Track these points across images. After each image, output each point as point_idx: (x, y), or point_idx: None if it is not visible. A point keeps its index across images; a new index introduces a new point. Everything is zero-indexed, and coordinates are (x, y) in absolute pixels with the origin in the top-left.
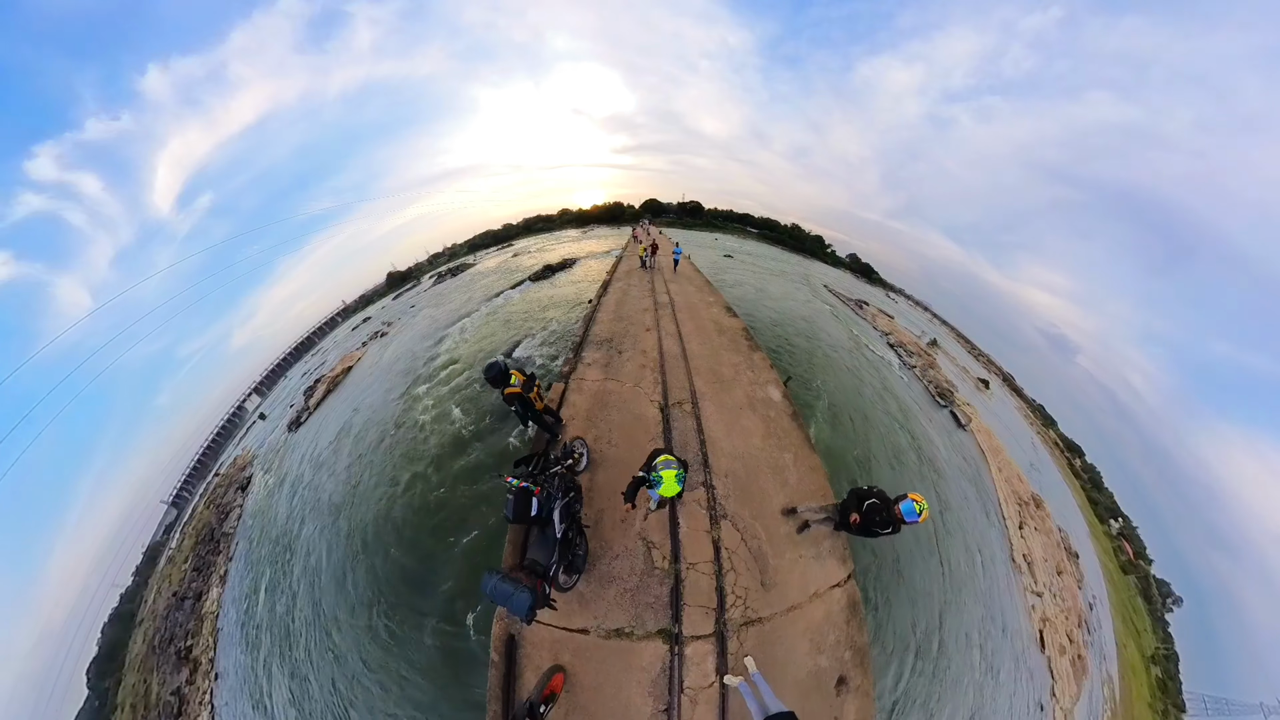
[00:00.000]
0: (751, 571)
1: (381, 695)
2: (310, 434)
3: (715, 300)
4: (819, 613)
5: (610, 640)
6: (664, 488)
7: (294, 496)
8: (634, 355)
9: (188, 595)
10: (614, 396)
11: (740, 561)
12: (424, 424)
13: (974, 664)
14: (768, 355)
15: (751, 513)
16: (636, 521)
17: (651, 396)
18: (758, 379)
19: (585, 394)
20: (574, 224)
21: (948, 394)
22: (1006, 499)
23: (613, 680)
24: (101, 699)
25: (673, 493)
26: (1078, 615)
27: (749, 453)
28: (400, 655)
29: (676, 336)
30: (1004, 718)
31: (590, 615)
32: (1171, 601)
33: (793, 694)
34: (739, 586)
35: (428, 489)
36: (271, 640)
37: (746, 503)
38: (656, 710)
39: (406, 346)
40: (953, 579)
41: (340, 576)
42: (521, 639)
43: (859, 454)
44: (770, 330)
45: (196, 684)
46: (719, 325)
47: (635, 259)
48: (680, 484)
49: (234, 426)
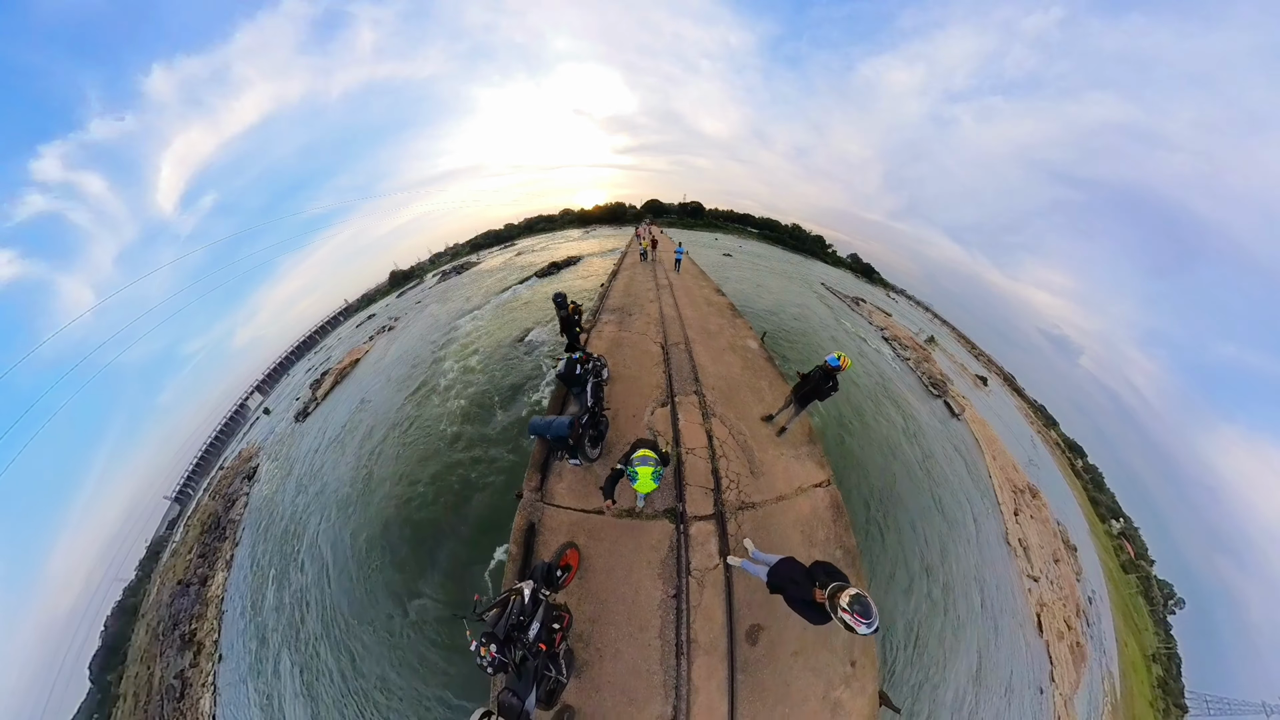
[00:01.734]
0: (740, 459)
1: (391, 655)
2: (318, 423)
3: (707, 284)
4: (805, 507)
5: (622, 520)
6: (639, 483)
7: (304, 479)
8: (640, 317)
9: (192, 581)
10: (626, 341)
11: (730, 450)
12: (439, 404)
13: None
14: (751, 325)
15: (736, 415)
16: (644, 415)
17: (655, 340)
18: (738, 334)
19: (604, 339)
20: (576, 224)
21: (941, 384)
22: (1001, 485)
23: (624, 563)
24: (104, 691)
25: (648, 489)
26: (1075, 604)
27: (731, 376)
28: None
29: (674, 306)
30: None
31: (600, 497)
32: (1174, 604)
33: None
34: (731, 471)
35: (441, 469)
36: (279, 619)
37: (731, 408)
38: (666, 594)
39: (418, 336)
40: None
41: (355, 551)
42: (541, 526)
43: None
44: (766, 319)
45: (200, 666)
46: (709, 300)
47: (638, 253)
48: (656, 481)
49: (236, 424)
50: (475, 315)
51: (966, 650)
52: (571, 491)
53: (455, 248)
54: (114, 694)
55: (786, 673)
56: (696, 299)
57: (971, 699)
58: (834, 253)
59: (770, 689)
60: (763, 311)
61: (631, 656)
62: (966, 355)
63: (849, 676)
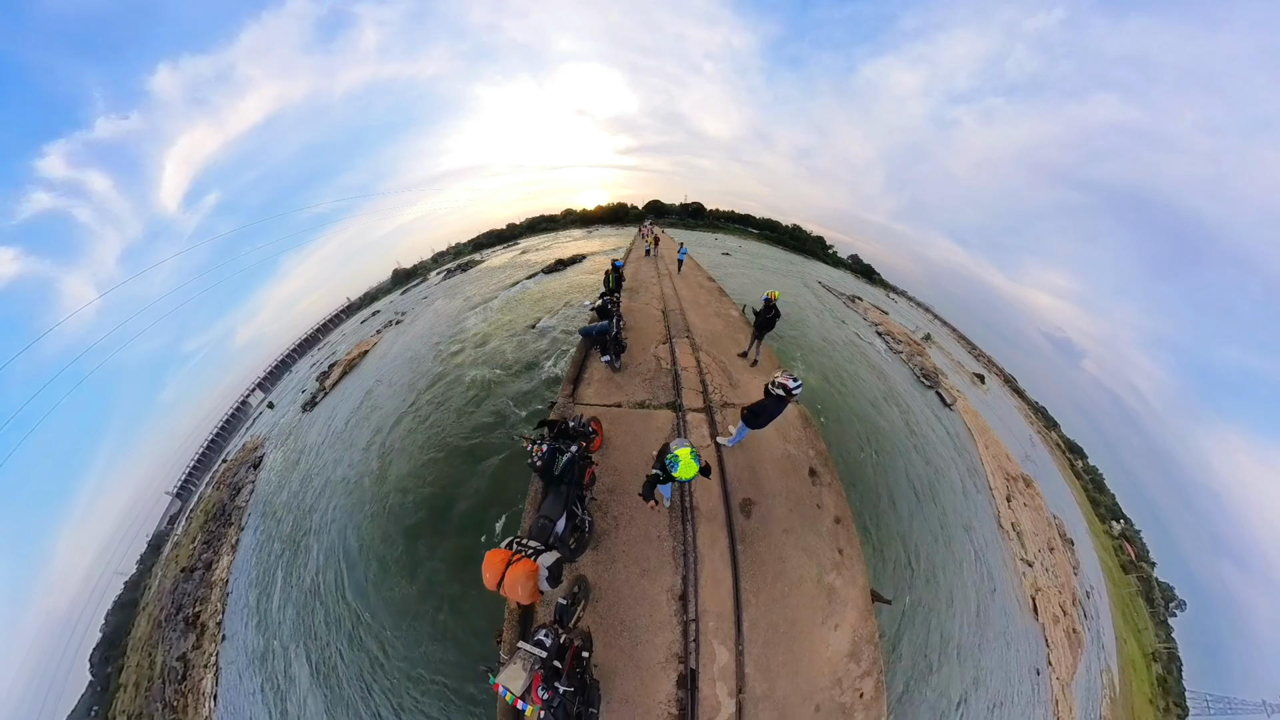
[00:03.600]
0: (722, 376)
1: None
2: (326, 413)
3: (700, 274)
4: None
5: (635, 410)
6: (681, 468)
7: (312, 464)
8: (645, 294)
9: (197, 566)
10: (635, 308)
11: (714, 371)
12: (449, 388)
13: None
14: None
15: (718, 351)
16: (650, 349)
17: (657, 308)
18: (722, 306)
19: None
20: (578, 224)
21: (932, 376)
22: (994, 472)
23: (637, 440)
24: (104, 683)
25: (691, 473)
26: (1072, 593)
27: (715, 330)
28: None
29: (673, 288)
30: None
31: (622, 394)
32: (1174, 606)
33: (774, 470)
34: (715, 382)
35: (458, 438)
36: (286, 599)
37: (714, 348)
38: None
39: (430, 326)
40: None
41: (369, 526)
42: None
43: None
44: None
45: (203, 648)
46: (701, 285)
47: (643, 249)
48: (697, 461)
49: (238, 420)
50: (486, 307)
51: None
52: (596, 393)
53: (458, 247)
54: (114, 685)
55: (780, 549)
56: (691, 284)
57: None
58: (834, 253)
59: (768, 564)
60: (755, 303)
61: (643, 523)
62: (965, 355)
63: (839, 564)
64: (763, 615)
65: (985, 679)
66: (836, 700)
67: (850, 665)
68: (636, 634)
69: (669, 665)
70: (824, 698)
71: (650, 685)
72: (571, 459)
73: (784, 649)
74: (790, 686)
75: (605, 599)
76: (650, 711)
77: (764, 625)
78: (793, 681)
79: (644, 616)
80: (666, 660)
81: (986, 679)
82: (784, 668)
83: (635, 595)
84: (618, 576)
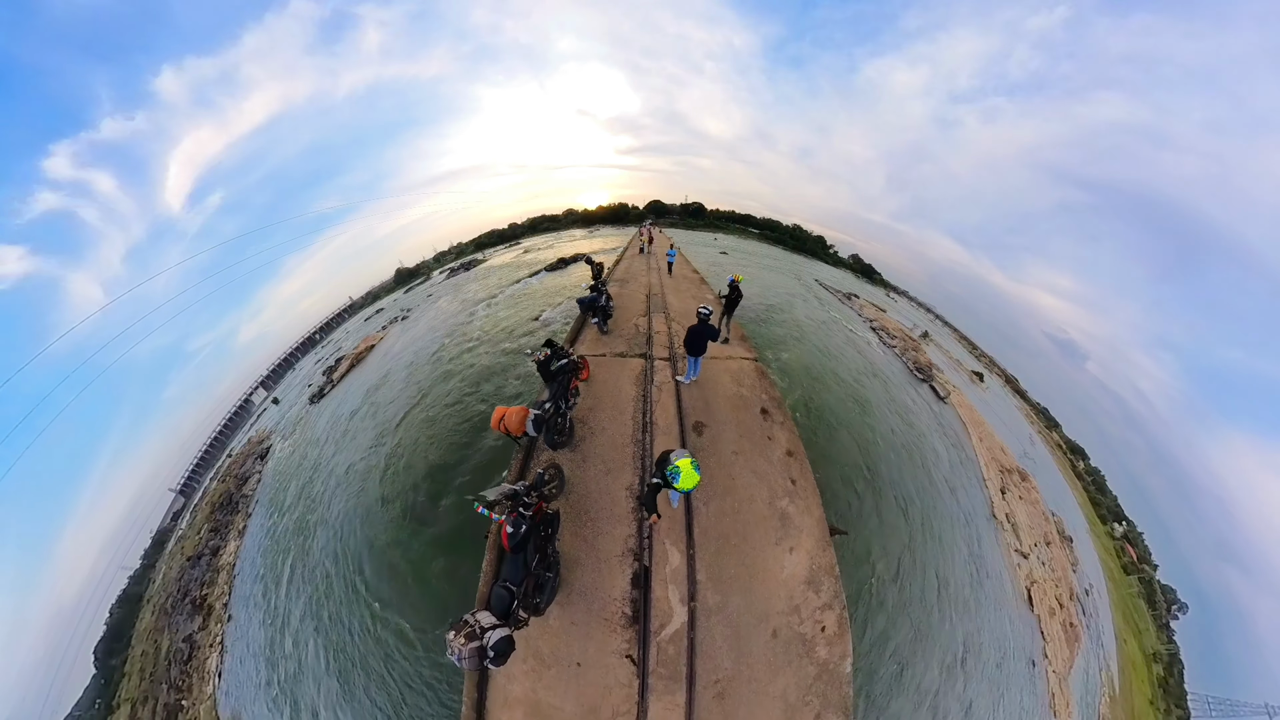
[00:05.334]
0: None
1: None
2: (334, 403)
3: (687, 268)
4: (735, 366)
5: (616, 358)
6: (683, 479)
7: (322, 451)
8: (634, 284)
9: (204, 553)
10: (624, 294)
11: (681, 335)
12: (457, 375)
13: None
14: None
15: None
16: (634, 319)
17: (643, 294)
18: (702, 292)
19: (611, 291)
20: (579, 224)
21: (926, 370)
22: (987, 463)
23: (614, 376)
24: (108, 676)
25: (693, 483)
26: (1069, 588)
27: (688, 309)
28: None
29: (659, 279)
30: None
31: (606, 348)
32: (1177, 609)
33: (726, 405)
34: (680, 341)
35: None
36: (293, 580)
37: (687, 322)
38: (638, 395)
39: (438, 319)
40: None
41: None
42: None
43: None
44: (751, 300)
45: (209, 629)
46: (686, 276)
47: (638, 248)
48: (698, 471)
49: (241, 418)
50: (492, 302)
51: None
52: (588, 347)
53: (460, 247)
54: (118, 677)
55: (730, 467)
56: (677, 276)
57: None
58: (835, 253)
59: (717, 478)
60: (747, 295)
61: (613, 432)
62: (966, 354)
63: (791, 492)
64: (712, 524)
65: (976, 669)
66: (796, 630)
67: (809, 594)
68: (599, 525)
69: (625, 560)
70: (781, 623)
71: (607, 579)
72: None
73: (735, 560)
74: (744, 603)
75: (576, 491)
76: (606, 608)
77: (714, 534)
78: (746, 598)
79: (605, 510)
80: (623, 554)
81: (977, 669)
82: (736, 581)
83: (600, 490)
84: (588, 474)
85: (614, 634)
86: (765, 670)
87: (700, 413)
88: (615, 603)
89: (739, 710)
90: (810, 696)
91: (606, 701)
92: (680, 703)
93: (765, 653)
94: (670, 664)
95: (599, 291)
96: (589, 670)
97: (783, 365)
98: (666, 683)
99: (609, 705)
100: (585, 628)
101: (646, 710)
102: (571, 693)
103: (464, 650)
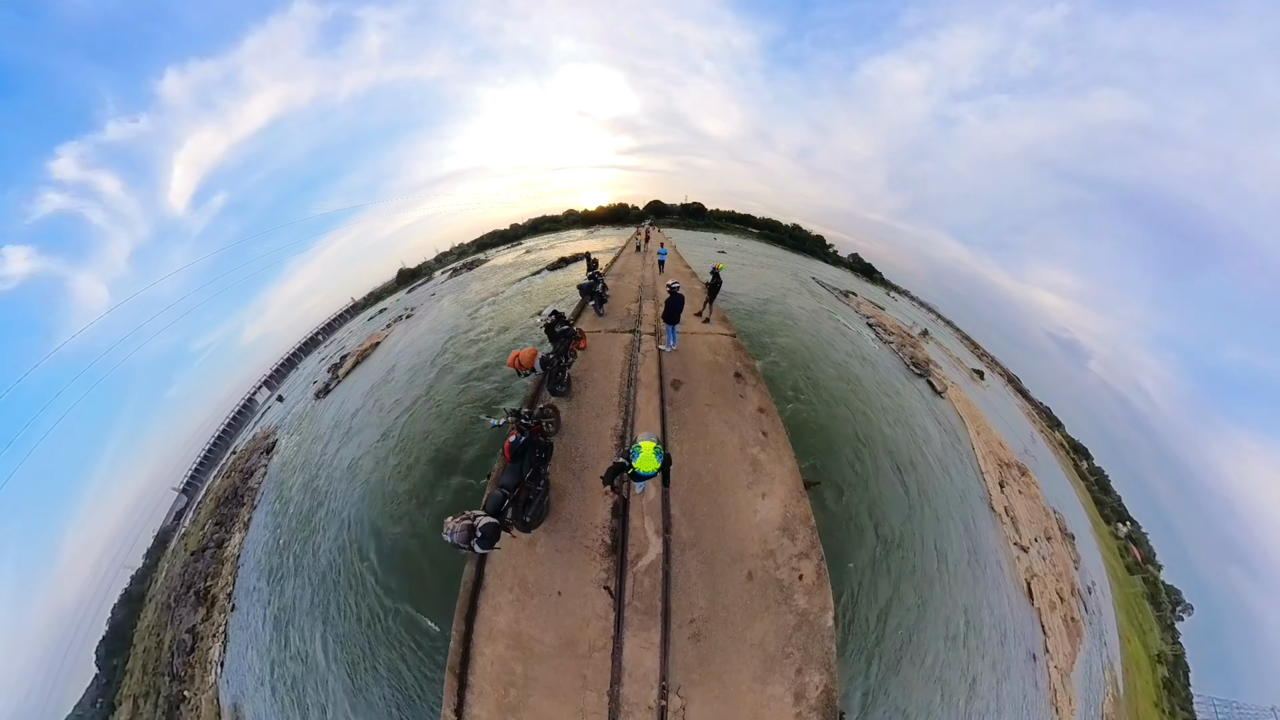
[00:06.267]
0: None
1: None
2: (340, 398)
3: (680, 263)
4: (713, 339)
5: (609, 333)
6: (641, 459)
7: (329, 440)
8: (629, 277)
9: (208, 546)
10: (620, 287)
11: None
12: (465, 367)
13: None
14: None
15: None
16: (627, 304)
17: (636, 285)
18: (689, 284)
19: (608, 288)
20: (580, 225)
21: (923, 365)
22: (985, 456)
23: (606, 346)
24: (109, 675)
25: (651, 467)
26: (1070, 583)
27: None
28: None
29: (652, 273)
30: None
31: (602, 326)
32: (1181, 610)
33: (702, 369)
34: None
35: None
36: (300, 569)
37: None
38: (626, 360)
39: (442, 317)
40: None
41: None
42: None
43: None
44: (744, 294)
45: (212, 620)
46: (678, 271)
47: (634, 246)
48: (659, 458)
49: (245, 417)
50: (495, 300)
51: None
52: (587, 325)
53: (461, 247)
54: (120, 675)
55: (703, 416)
56: (670, 270)
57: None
58: (834, 252)
59: (690, 425)
60: (743, 291)
61: (603, 386)
62: (967, 353)
63: (763, 442)
64: (685, 463)
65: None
66: (772, 574)
67: (784, 540)
68: (586, 460)
69: (607, 491)
70: (756, 566)
71: (590, 508)
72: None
73: (708, 500)
74: (716, 541)
75: (568, 433)
76: (589, 534)
77: (687, 471)
78: (719, 536)
79: (593, 447)
80: (605, 486)
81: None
82: (709, 519)
83: (589, 431)
84: (580, 419)
85: (594, 562)
86: (742, 614)
87: (678, 373)
88: (596, 530)
89: (715, 655)
90: (790, 648)
91: (584, 634)
92: (655, 641)
93: (741, 595)
94: (646, 597)
95: (596, 279)
96: (569, 599)
97: (780, 348)
98: (642, 617)
99: (586, 639)
100: (568, 555)
101: (622, 646)
102: (551, 624)
103: (455, 527)
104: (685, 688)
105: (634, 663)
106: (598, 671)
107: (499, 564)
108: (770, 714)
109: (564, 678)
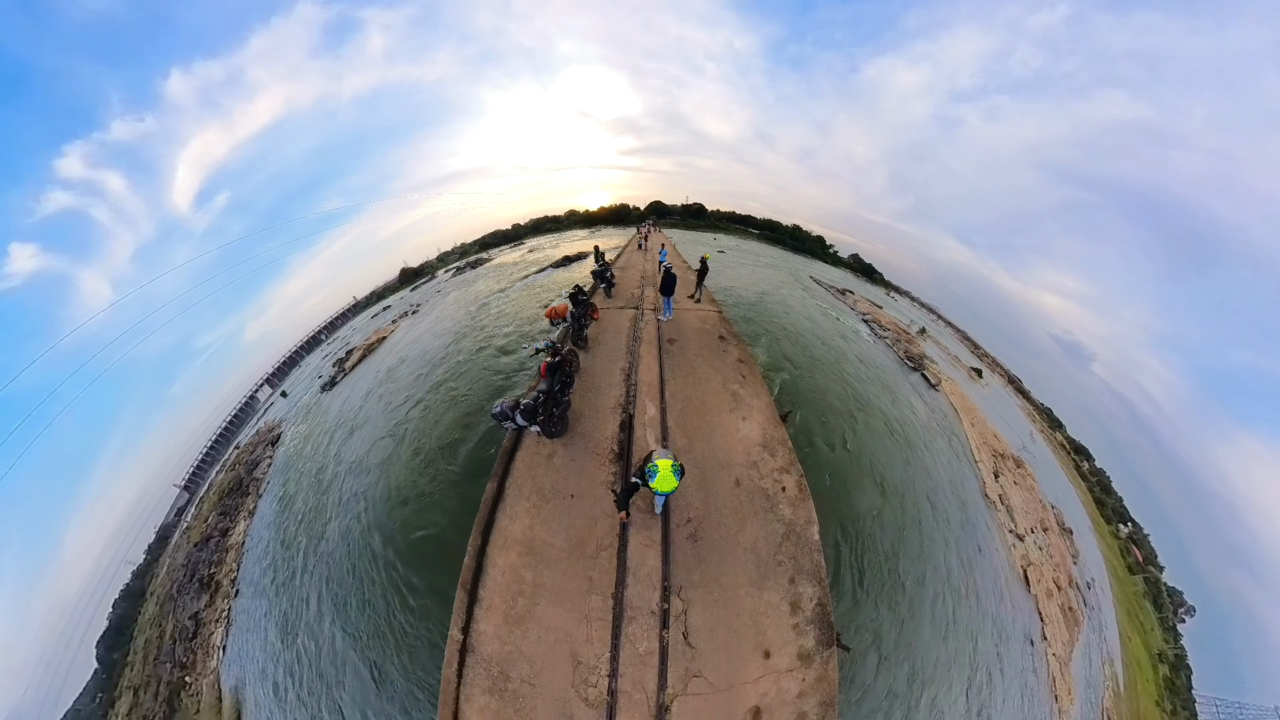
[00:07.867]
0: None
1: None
2: (346, 390)
3: (678, 257)
4: (702, 314)
5: (616, 310)
6: (659, 479)
7: (333, 435)
8: (633, 271)
9: (213, 535)
10: (623, 278)
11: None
12: (473, 357)
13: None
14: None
15: (675, 297)
16: (630, 290)
17: (638, 276)
18: (684, 274)
19: (614, 273)
20: (581, 225)
21: (917, 359)
22: (979, 447)
23: (615, 321)
24: (110, 670)
25: (670, 486)
26: (1068, 575)
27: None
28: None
29: (652, 269)
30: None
31: (611, 304)
32: (1184, 611)
33: (692, 333)
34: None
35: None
36: (307, 554)
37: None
38: (630, 326)
39: (449, 311)
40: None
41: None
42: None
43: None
44: (741, 292)
45: (215, 605)
46: (675, 265)
47: (636, 244)
48: (677, 477)
49: (246, 414)
50: (502, 295)
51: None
52: (599, 303)
53: (463, 247)
54: (121, 668)
55: (694, 361)
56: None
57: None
58: (834, 253)
59: (681, 365)
60: (740, 289)
61: (613, 343)
62: (967, 353)
63: (741, 382)
64: (679, 390)
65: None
66: (757, 483)
67: (765, 455)
68: (599, 390)
69: (615, 412)
70: (742, 474)
71: (602, 425)
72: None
73: (697, 417)
74: (706, 449)
75: (586, 373)
76: (600, 444)
77: (680, 397)
78: (708, 445)
79: (604, 380)
80: (614, 408)
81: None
82: (699, 432)
83: (602, 370)
84: (595, 363)
85: (603, 467)
86: (733, 516)
87: (673, 334)
88: (606, 440)
89: (711, 555)
90: (781, 556)
91: (592, 534)
92: (656, 539)
93: (730, 498)
94: (647, 496)
95: (604, 266)
96: (580, 501)
97: (780, 330)
98: (644, 516)
99: (594, 538)
100: (581, 463)
101: (627, 543)
102: (564, 526)
103: (504, 400)
104: (686, 589)
105: (637, 561)
106: (604, 572)
107: (520, 476)
108: (769, 622)
109: (571, 581)
